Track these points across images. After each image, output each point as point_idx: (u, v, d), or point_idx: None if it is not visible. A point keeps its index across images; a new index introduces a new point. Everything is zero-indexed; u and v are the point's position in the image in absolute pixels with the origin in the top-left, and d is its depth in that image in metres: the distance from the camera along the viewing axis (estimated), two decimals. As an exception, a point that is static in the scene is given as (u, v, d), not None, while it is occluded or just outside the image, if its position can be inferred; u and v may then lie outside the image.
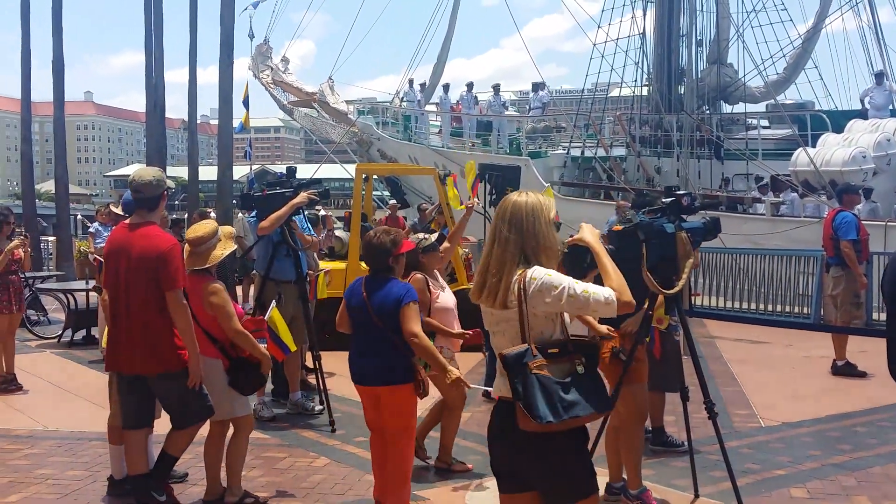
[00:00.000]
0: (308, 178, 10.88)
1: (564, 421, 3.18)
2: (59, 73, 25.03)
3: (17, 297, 9.75)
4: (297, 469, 6.53)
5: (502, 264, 3.38)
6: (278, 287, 8.15)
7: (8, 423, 8.04)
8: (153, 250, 5.22)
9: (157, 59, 26.16)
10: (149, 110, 26.68)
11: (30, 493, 6.00)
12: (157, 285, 5.21)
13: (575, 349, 3.34)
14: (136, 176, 5.46)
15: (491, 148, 26.02)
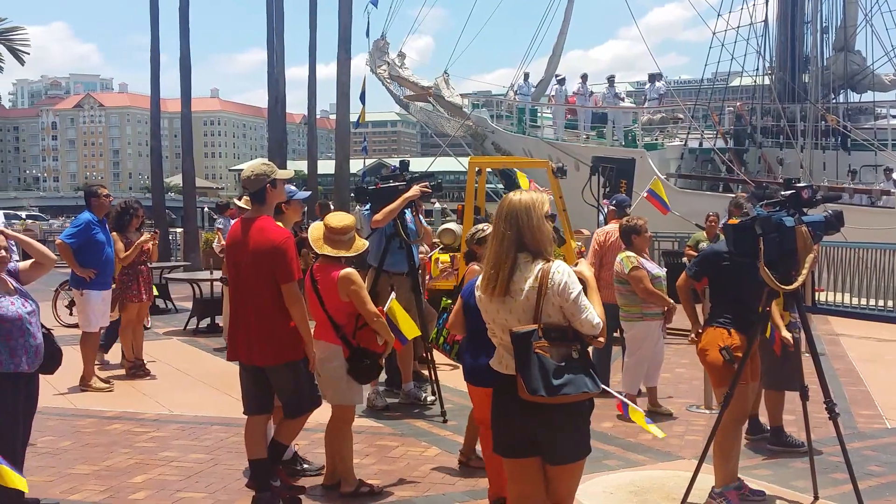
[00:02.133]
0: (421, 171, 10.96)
1: (555, 397, 3.68)
2: (186, 71, 25.99)
3: (147, 286, 10.20)
4: (410, 458, 6.63)
5: (500, 257, 3.85)
6: (391, 279, 8.27)
7: (136, 407, 8.42)
8: (268, 243, 5.35)
9: (278, 56, 26.84)
10: (270, 106, 27.42)
11: (154, 475, 6.27)
12: (271, 277, 5.33)
13: (574, 337, 3.79)
14: (244, 173, 5.64)
15: (606, 140, 25.70)
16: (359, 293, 5.78)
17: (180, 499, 5.75)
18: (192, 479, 6.14)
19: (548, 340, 3.72)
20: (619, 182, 14.28)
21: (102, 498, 5.76)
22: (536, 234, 3.84)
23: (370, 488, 5.82)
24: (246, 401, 5.66)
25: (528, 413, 3.80)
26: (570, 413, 3.81)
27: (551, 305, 3.77)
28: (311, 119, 30.58)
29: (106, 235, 9.33)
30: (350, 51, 26.04)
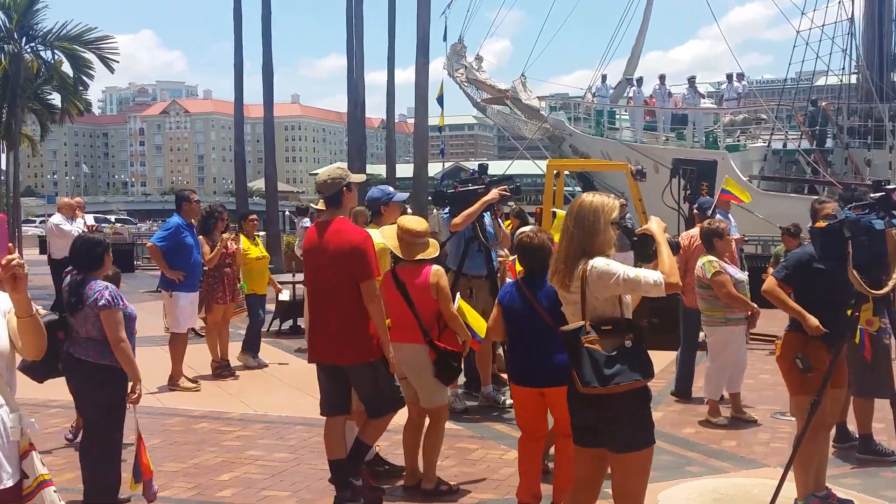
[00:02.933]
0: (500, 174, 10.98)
1: (608, 387, 3.85)
2: (268, 77, 26.52)
3: (231, 288, 10.44)
4: (489, 461, 6.66)
5: (567, 254, 4.08)
6: (470, 282, 8.32)
7: (222, 406, 8.63)
8: (347, 244, 5.44)
9: (358, 62, 27.20)
10: (350, 110, 27.80)
11: (240, 473, 6.43)
12: (350, 277, 5.41)
13: (626, 327, 3.97)
14: (319, 178, 5.75)
15: (686, 142, 25.33)
16: (446, 291, 5.86)
17: (265, 497, 5.89)
18: (277, 478, 6.28)
19: (597, 333, 3.92)
20: (701, 184, 14.05)
21: (191, 495, 5.93)
22: (598, 236, 4.03)
23: (449, 487, 5.88)
24: (324, 402, 5.75)
25: (586, 404, 4.02)
26: (625, 402, 3.94)
27: (596, 299, 3.99)
28: (390, 123, 30.88)
29: (194, 239, 9.59)
30: (428, 55, 26.25)
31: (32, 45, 30.96)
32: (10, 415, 3.02)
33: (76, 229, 13.86)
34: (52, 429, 7.52)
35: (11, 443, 3.01)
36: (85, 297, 5.34)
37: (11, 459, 3.01)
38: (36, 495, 3.04)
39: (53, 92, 33.80)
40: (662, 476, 6.21)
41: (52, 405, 7.99)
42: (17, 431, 3.02)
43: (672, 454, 6.82)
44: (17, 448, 3.03)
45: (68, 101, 33.14)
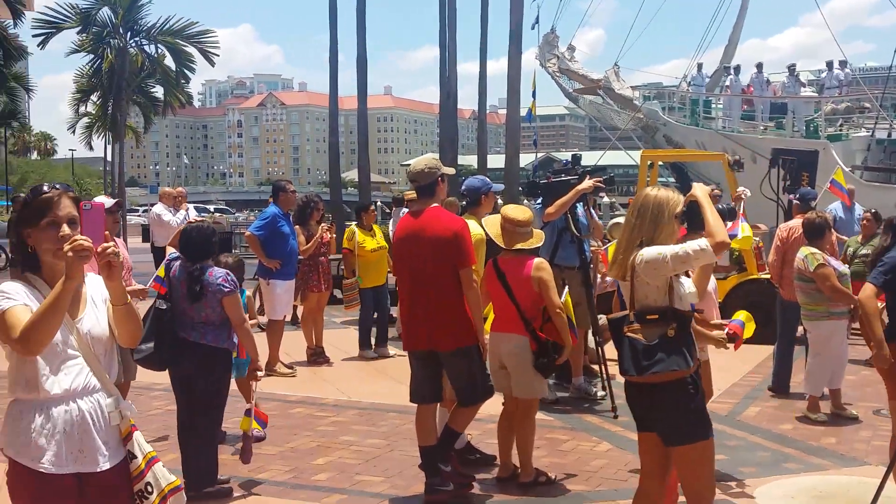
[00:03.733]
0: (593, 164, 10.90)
1: (645, 376, 3.94)
2: (362, 69, 26.82)
3: (326, 277, 10.63)
4: (580, 452, 6.64)
5: (627, 245, 4.13)
6: (562, 273, 8.28)
7: (317, 392, 8.82)
8: (446, 231, 5.50)
9: (450, 53, 27.25)
10: (442, 101, 27.88)
11: (335, 458, 6.57)
12: (449, 264, 5.47)
13: (672, 316, 3.99)
14: (414, 167, 5.78)
15: (785, 131, 24.62)
16: (549, 283, 5.84)
17: (359, 482, 6.00)
18: (371, 464, 6.39)
19: (640, 323, 4.00)
20: (801, 175, 13.65)
21: (288, 478, 6.09)
22: (662, 230, 4.07)
23: (548, 478, 5.88)
24: (415, 390, 5.81)
25: (632, 392, 4.15)
26: (670, 392, 3.97)
27: (647, 285, 4.03)
28: (482, 114, 30.87)
29: (290, 228, 9.80)
30: (521, 46, 26.12)
31: (137, 39, 32.06)
32: (107, 399, 3.11)
33: (176, 220, 14.33)
34: (154, 411, 7.81)
35: (110, 426, 3.11)
36: (207, 285, 5.53)
37: (110, 442, 3.11)
38: (147, 472, 3.15)
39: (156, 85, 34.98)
40: (759, 472, 6.11)
41: (156, 388, 8.28)
42: (115, 415, 3.12)
43: (769, 450, 6.69)
44: (116, 431, 3.13)
45: (171, 93, 34.24)
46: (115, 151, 35.52)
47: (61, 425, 3.00)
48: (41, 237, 3.04)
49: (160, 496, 3.15)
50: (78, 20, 30.51)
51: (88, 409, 3.06)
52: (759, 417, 7.64)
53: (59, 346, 3.01)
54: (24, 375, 3.02)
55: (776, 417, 7.73)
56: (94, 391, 3.09)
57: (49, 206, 3.06)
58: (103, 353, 3.15)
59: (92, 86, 35.01)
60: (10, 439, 3.03)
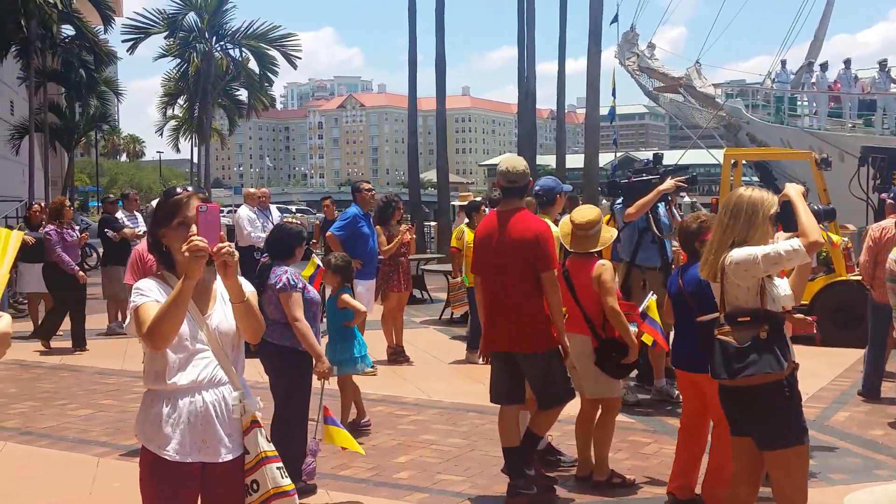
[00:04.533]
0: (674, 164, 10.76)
1: (737, 379, 3.88)
2: (441, 70, 26.97)
3: (406, 277, 10.72)
4: (663, 455, 6.55)
5: (718, 246, 4.06)
6: (643, 274, 8.20)
7: (397, 391, 8.90)
8: (529, 233, 5.49)
9: (529, 52, 27.23)
10: (520, 101, 27.87)
11: (415, 456, 6.62)
12: (530, 266, 5.45)
13: (764, 318, 3.92)
14: (511, 166, 5.71)
15: (875, 129, 23.89)
16: (608, 285, 5.81)
17: (440, 480, 6.04)
18: (451, 463, 6.42)
19: (731, 325, 3.95)
20: (892, 174, 13.25)
21: (370, 475, 6.16)
22: (753, 231, 4.01)
23: (622, 480, 5.83)
24: (496, 390, 5.81)
25: (725, 396, 4.11)
26: (763, 395, 3.92)
27: (738, 287, 3.98)
28: (560, 113, 30.76)
29: (370, 228, 9.91)
30: (600, 44, 25.95)
31: (222, 43, 32.82)
32: (233, 393, 3.23)
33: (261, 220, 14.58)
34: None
35: (233, 419, 3.22)
36: (267, 281, 5.66)
37: (233, 435, 3.22)
38: (257, 470, 3.23)
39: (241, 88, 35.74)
40: (849, 479, 5.95)
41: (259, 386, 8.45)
42: (238, 409, 3.23)
43: (859, 456, 6.51)
44: (238, 424, 3.24)
45: (254, 96, 34.94)
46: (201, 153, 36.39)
47: (186, 415, 3.15)
48: (173, 237, 3.18)
49: (264, 496, 3.23)
50: (165, 25, 31.38)
51: (212, 401, 3.19)
52: (849, 423, 7.44)
53: (188, 341, 3.16)
54: (154, 367, 3.19)
55: (866, 423, 7.52)
56: (219, 384, 3.22)
57: (179, 207, 3.21)
58: (231, 349, 3.28)
59: (179, 89, 35.99)
60: (142, 427, 3.21)
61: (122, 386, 9.29)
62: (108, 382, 9.53)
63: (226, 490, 3.25)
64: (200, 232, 3.00)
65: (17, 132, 24.63)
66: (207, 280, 3.24)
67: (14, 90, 27.99)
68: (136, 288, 3.20)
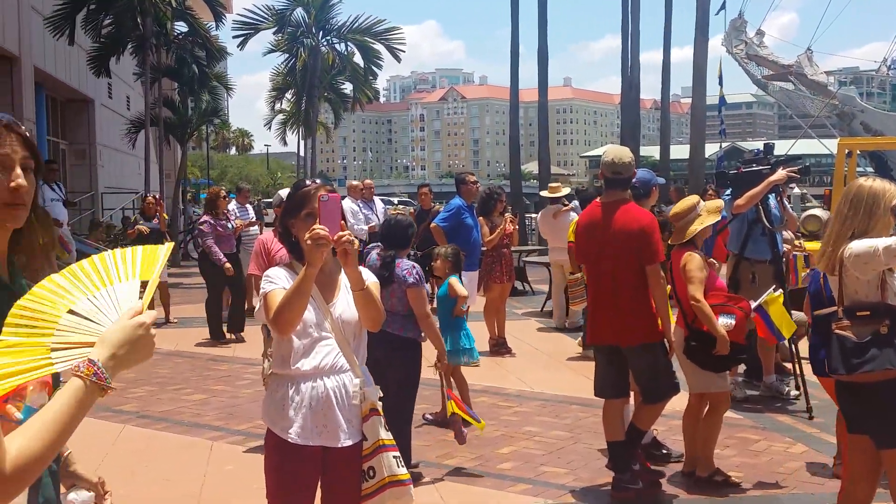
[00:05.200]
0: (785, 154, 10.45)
1: (855, 374, 3.79)
2: (543, 62, 26.83)
3: (508, 268, 10.74)
4: (773, 453, 6.40)
5: (837, 237, 3.96)
6: (752, 267, 8.00)
7: (500, 382, 8.93)
8: (634, 225, 5.42)
9: (633, 42, 26.84)
10: (624, 91, 27.51)
11: (518, 447, 6.63)
12: (636, 259, 5.39)
13: (885, 312, 3.82)
14: (616, 157, 5.65)
15: None
16: (691, 275, 5.61)
17: (544, 472, 6.04)
18: (554, 455, 6.42)
19: (850, 319, 3.86)
20: None
21: (474, 465, 6.20)
22: (874, 222, 3.92)
23: (725, 479, 5.71)
24: (600, 384, 5.77)
25: (842, 392, 4.04)
26: (882, 392, 3.82)
27: (857, 280, 3.88)
28: (665, 103, 30.22)
29: (473, 220, 9.96)
30: (707, 33, 25.41)
31: (328, 38, 33.39)
32: (354, 380, 3.33)
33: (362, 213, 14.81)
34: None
35: (352, 406, 3.32)
36: (394, 274, 5.73)
37: (352, 421, 3.32)
38: (374, 458, 3.32)
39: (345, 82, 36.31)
40: None
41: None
42: (358, 396, 3.32)
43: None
44: (358, 411, 3.34)
45: (359, 90, 35.44)
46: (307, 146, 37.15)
47: (307, 400, 3.28)
48: (301, 227, 3.30)
49: (379, 483, 3.31)
50: (274, 21, 32.10)
51: (333, 386, 3.30)
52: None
53: (312, 328, 3.29)
54: (280, 352, 3.34)
55: None
56: (341, 371, 3.33)
57: (307, 198, 3.33)
58: (353, 337, 3.38)
59: (287, 84, 36.78)
60: (267, 409, 3.38)
61: (234, 372, 9.59)
62: (220, 369, 9.86)
63: (344, 475, 3.35)
64: (322, 221, 3.09)
65: (134, 126, 25.60)
66: (333, 269, 3.36)
67: (130, 86, 29.08)
68: (266, 275, 3.36)
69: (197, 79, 25.26)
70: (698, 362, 5.68)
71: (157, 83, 24.61)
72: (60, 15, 20.76)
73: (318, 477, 3.38)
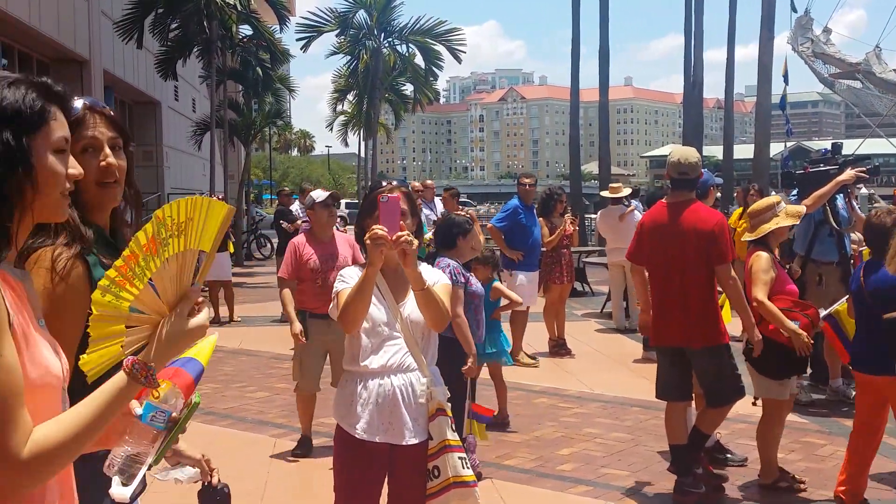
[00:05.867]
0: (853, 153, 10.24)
1: None
2: (604, 61, 26.65)
3: (569, 269, 10.70)
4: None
5: None
6: (819, 268, 7.86)
7: (559, 383, 8.90)
8: (704, 225, 5.35)
9: (696, 40, 26.52)
10: (686, 90, 27.18)
11: (579, 449, 6.61)
12: (705, 259, 5.32)
13: None
14: (682, 157, 5.57)
15: None
16: (755, 275, 5.48)
17: (604, 474, 6.01)
18: (615, 457, 6.38)
19: None
20: None
21: (534, 465, 6.20)
22: None
23: (790, 485, 5.61)
24: (663, 386, 5.70)
25: None
26: None
27: None
28: (728, 102, 29.81)
29: (532, 220, 9.95)
30: (773, 30, 25.02)
31: (390, 39, 33.61)
32: (422, 379, 3.40)
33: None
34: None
35: (419, 405, 3.38)
36: None
37: (418, 420, 3.38)
38: (439, 457, 3.35)
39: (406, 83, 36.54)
40: None
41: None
42: (425, 395, 3.38)
43: None
44: (424, 410, 3.39)
45: (420, 91, 35.65)
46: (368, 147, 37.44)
47: (374, 397, 3.36)
48: None
49: (444, 484, 3.34)
50: (336, 23, 32.42)
51: (399, 385, 3.37)
52: None
53: (381, 327, 3.38)
54: (351, 350, 3.44)
55: None
56: (408, 370, 3.40)
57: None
58: (421, 336, 3.45)
59: (348, 85, 37.15)
60: (337, 405, 3.50)
61: (296, 370, 9.70)
62: (282, 367, 9.98)
63: (409, 473, 3.41)
64: (381, 221, 3.15)
65: (199, 128, 26.07)
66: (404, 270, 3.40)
67: (196, 88, 29.64)
68: (340, 275, 3.47)
69: (261, 81, 25.63)
70: (756, 367, 5.58)
71: (223, 85, 25.01)
72: (129, 19, 21.22)
73: (384, 474, 3.44)
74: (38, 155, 1.54)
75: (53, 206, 1.60)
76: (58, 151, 1.59)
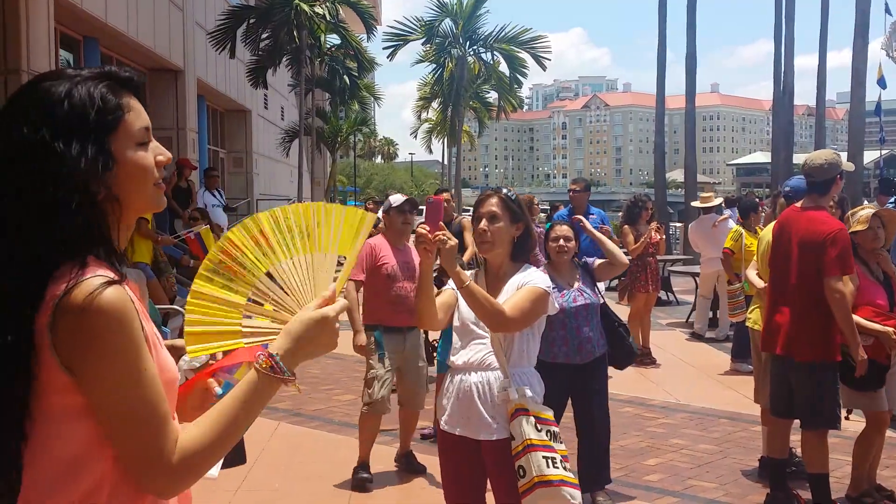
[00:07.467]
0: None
1: None
2: (691, 68, 26.26)
3: (654, 277, 10.58)
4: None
5: None
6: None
7: (644, 393, 8.82)
8: (818, 234, 5.12)
9: (787, 46, 25.96)
10: (776, 97, 26.61)
11: (665, 460, 6.55)
12: (814, 268, 5.11)
13: None
14: (809, 160, 5.39)
15: None
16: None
17: (692, 486, 5.94)
18: (703, 469, 6.30)
19: None
20: None
21: (620, 475, 6.15)
22: None
23: (873, 500, 5.44)
24: (774, 401, 5.49)
25: None
26: None
27: None
28: (820, 109, 29.08)
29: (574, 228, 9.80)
30: (867, 36, 24.27)
31: (475, 47, 33.77)
32: (501, 379, 3.51)
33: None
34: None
35: (496, 403, 3.48)
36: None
37: (496, 418, 3.47)
38: (522, 457, 3.38)
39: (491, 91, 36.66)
40: None
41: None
42: (501, 395, 3.47)
43: None
44: (503, 409, 3.46)
45: (504, 98, 35.72)
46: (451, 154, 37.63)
47: (454, 391, 3.59)
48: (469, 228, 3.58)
49: (529, 484, 3.37)
50: (422, 32, 32.76)
51: (477, 381, 3.54)
52: None
53: (471, 326, 3.58)
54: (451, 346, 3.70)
55: None
56: (488, 368, 3.56)
57: (477, 204, 3.67)
58: (503, 337, 3.54)
59: (434, 93, 37.46)
60: (437, 399, 3.79)
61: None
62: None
63: (497, 470, 3.53)
64: (426, 221, 3.21)
65: (288, 136, 26.58)
66: (505, 272, 3.60)
67: (284, 97, 30.23)
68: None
69: (347, 89, 26.03)
70: (848, 381, 5.43)
71: (311, 94, 25.46)
72: (222, 30, 21.79)
73: (471, 466, 3.60)
74: (120, 155, 1.50)
75: (149, 199, 1.56)
76: (140, 144, 1.54)
